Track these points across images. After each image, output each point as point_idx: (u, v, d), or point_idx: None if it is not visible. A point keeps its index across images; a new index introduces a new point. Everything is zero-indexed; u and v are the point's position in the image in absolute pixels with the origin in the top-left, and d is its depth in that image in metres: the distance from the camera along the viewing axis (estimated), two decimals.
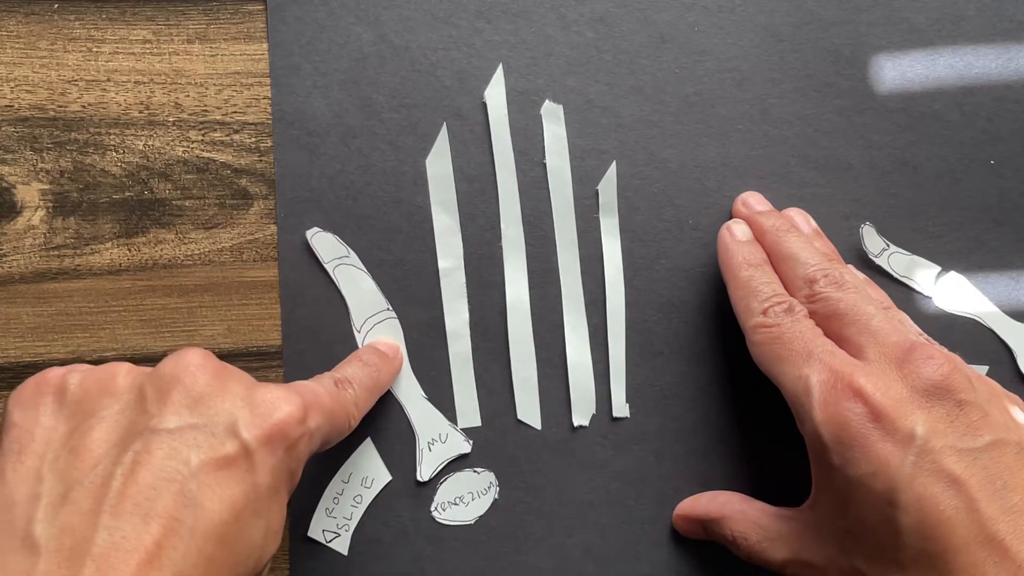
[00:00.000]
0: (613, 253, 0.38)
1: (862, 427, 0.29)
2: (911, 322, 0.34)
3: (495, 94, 0.38)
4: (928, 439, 0.28)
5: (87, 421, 0.27)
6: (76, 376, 0.28)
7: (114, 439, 0.26)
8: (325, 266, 0.37)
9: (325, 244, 0.37)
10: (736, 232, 0.36)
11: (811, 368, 0.31)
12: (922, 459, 0.28)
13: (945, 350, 0.31)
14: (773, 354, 0.32)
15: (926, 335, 0.34)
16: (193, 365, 0.28)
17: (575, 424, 0.38)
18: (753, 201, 0.38)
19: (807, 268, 0.34)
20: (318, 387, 0.31)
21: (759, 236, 0.36)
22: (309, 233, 0.37)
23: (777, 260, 0.35)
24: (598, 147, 0.38)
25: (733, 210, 0.38)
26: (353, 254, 0.37)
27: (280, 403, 0.28)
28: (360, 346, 0.37)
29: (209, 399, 0.27)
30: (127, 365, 0.29)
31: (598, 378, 0.38)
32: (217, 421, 0.27)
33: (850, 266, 0.37)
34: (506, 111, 0.38)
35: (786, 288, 0.34)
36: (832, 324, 0.33)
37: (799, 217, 0.38)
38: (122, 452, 0.26)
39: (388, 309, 0.37)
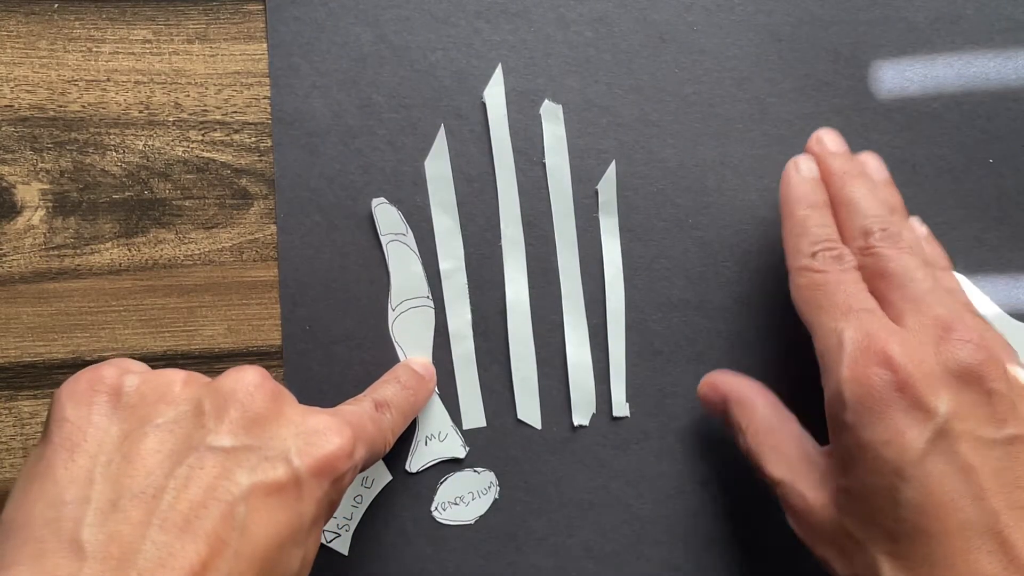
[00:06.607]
0: (613, 253, 0.38)
1: (886, 394, 0.29)
2: (963, 292, 0.33)
3: (494, 94, 0.38)
4: (949, 420, 0.28)
5: (142, 427, 0.26)
6: (133, 378, 0.28)
7: (167, 450, 0.26)
8: (381, 238, 0.37)
9: (388, 217, 0.37)
10: (803, 167, 0.35)
11: (847, 323, 0.30)
12: (939, 438, 0.28)
13: (990, 333, 0.30)
14: (813, 300, 0.32)
15: (974, 309, 0.32)
16: (252, 384, 0.27)
17: (575, 424, 0.38)
18: (828, 140, 0.36)
19: (865, 219, 0.33)
20: (362, 414, 0.31)
21: (826, 177, 0.35)
22: (375, 202, 0.37)
23: (838, 205, 0.34)
24: (598, 147, 0.38)
25: (807, 146, 0.36)
26: (411, 234, 0.37)
27: (332, 435, 0.28)
28: (390, 326, 0.37)
29: (265, 422, 0.27)
30: (184, 373, 0.28)
31: (598, 378, 0.38)
32: (271, 445, 0.27)
33: (915, 219, 0.36)
34: (505, 111, 0.38)
35: (841, 236, 0.33)
36: (879, 283, 0.32)
37: (873, 163, 0.36)
38: (175, 465, 0.26)
39: (428, 296, 0.37)
